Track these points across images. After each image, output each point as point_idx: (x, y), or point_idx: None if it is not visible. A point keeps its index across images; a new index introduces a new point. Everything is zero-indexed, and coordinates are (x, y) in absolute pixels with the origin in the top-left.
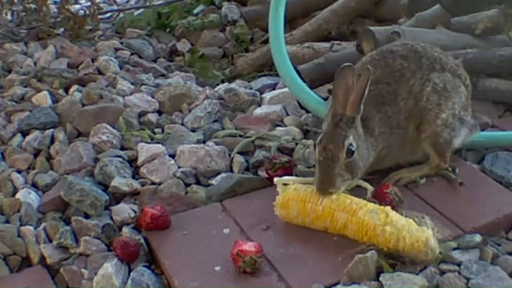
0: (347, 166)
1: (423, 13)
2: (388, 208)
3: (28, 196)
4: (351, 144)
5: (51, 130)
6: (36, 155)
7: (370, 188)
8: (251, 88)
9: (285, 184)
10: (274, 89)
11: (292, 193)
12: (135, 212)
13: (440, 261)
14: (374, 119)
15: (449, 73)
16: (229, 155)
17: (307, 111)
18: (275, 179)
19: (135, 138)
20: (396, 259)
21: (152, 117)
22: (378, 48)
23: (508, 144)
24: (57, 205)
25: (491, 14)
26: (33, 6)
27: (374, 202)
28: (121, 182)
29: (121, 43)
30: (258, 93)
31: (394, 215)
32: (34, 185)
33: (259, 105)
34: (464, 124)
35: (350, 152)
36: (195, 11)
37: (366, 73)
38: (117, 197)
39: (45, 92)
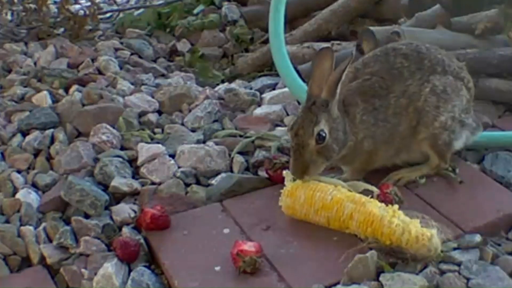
0: (319, 152)
1: (423, 13)
2: (396, 206)
3: (28, 196)
4: (322, 130)
5: (51, 130)
6: (36, 155)
7: (376, 190)
8: (251, 88)
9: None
10: (274, 89)
11: (302, 184)
12: (135, 212)
13: (440, 261)
14: (357, 107)
15: (451, 75)
16: (229, 155)
17: None
18: (284, 172)
19: (135, 138)
20: (397, 256)
21: (152, 117)
22: (383, 46)
23: (508, 144)
24: (57, 205)
25: (491, 14)
26: (33, 6)
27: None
28: (121, 182)
29: (121, 43)
30: (258, 93)
31: (401, 213)
32: (34, 185)
33: (259, 105)
34: (465, 127)
35: (321, 138)
36: (195, 11)
37: (348, 59)
38: (117, 197)
39: (45, 92)
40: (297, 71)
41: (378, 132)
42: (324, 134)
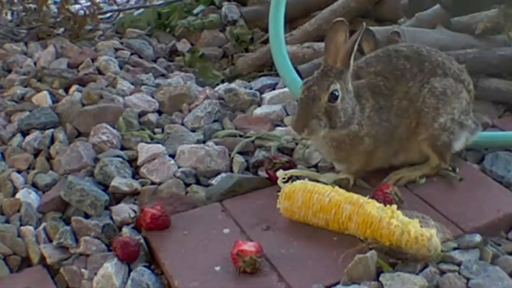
0: (326, 110)
1: (423, 13)
2: (394, 206)
3: (28, 196)
4: (336, 90)
5: (51, 130)
6: (36, 155)
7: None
8: (251, 88)
9: (285, 182)
10: (274, 89)
11: (299, 185)
12: (135, 212)
13: (440, 261)
14: (368, 101)
15: (451, 78)
16: (229, 155)
17: None
18: (278, 172)
19: (135, 138)
20: (397, 256)
21: (152, 117)
22: (384, 47)
23: (508, 144)
24: (57, 205)
25: (491, 14)
26: (33, 6)
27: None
28: (121, 182)
29: (121, 43)
30: (258, 93)
31: (400, 213)
32: (34, 185)
33: (259, 105)
34: (464, 128)
35: (334, 97)
36: (195, 11)
37: (359, 29)
38: (117, 197)
39: (45, 92)
40: (297, 71)
41: (380, 132)
42: (337, 94)
